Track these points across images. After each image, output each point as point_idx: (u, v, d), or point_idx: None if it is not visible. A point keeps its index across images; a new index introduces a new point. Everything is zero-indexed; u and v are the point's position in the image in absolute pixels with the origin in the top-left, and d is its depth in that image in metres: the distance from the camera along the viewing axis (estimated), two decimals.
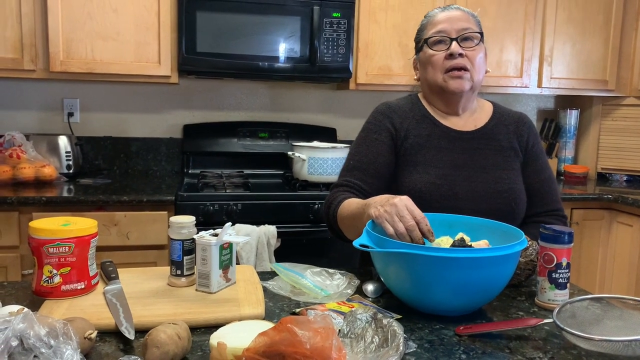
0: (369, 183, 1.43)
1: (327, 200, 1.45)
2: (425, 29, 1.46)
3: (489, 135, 1.46)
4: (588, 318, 1.00)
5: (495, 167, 1.42)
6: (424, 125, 1.46)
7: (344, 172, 1.48)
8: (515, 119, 1.51)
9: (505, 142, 1.46)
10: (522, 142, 1.48)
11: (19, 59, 2.42)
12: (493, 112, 1.51)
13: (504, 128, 1.48)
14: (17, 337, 0.75)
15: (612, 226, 2.76)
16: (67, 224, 1.10)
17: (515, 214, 1.41)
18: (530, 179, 1.47)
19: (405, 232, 1.10)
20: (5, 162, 2.43)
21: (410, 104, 1.51)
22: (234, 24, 2.53)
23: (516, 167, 1.45)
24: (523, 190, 1.44)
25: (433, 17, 1.46)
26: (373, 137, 1.47)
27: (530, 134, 1.50)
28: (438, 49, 1.42)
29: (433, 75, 1.43)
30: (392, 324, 0.89)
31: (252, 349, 0.74)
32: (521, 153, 1.48)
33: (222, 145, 2.92)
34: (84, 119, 2.88)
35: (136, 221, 2.27)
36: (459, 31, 1.40)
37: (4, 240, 2.20)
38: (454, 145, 1.44)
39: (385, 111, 1.49)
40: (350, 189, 1.43)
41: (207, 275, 1.13)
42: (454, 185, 1.38)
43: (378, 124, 1.48)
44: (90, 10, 2.45)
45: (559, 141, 3.27)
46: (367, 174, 1.43)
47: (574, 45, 3.00)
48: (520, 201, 1.42)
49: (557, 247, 1.12)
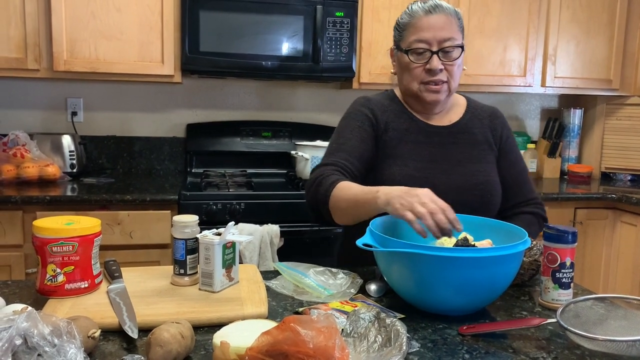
0: (354, 164, 1.41)
1: (315, 178, 1.38)
2: (406, 30, 1.42)
3: (464, 129, 1.49)
4: (592, 318, 1.00)
5: (471, 161, 1.45)
6: (402, 120, 1.48)
7: (328, 154, 1.45)
8: (489, 112, 1.54)
9: (480, 135, 1.50)
10: (497, 136, 1.52)
11: (22, 59, 2.42)
12: (467, 106, 1.54)
13: (478, 122, 1.52)
14: (21, 336, 0.75)
15: (616, 226, 2.75)
16: (71, 223, 1.10)
17: (490, 205, 1.44)
18: (505, 171, 1.50)
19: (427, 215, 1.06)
20: (9, 162, 2.44)
21: (388, 99, 1.53)
22: (237, 23, 2.53)
23: (491, 160, 1.49)
24: (498, 183, 1.47)
25: (416, 20, 1.40)
26: (356, 125, 1.46)
27: (503, 128, 1.54)
28: (417, 60, 1.40)
29: (409, 83, 1.44)
30: (395, 323, 0.89)
31: (255, 348, 0.74)
32: (495, 146, 1.51)
33: (225, 144, 2.92)
34: (87, 118, 2.88)
35: (139, 220, 2.27)
36: (441, 42, 1.38)
37: (8, 239, 2.21)
38: (431, 140, 1.46)
39: (366, 103, 1.50)
40: (339, 169, 1.39)
41: (210, 275, 1.13)
42: (432, 178, 1.40)
43: (359, 113, 1.48)
44: (93, 9, 2.45)
45: (562, 140, 3.26)
46: (352, 156, 1.42)
47: (578, 44, 2.99)
48: (495, 193, 1.46)
49: (560, 246, 1.12)
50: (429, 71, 1.39)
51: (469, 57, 2.85)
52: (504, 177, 1.49)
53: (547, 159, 3.19)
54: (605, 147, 3.23)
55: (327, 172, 1.38)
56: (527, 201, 1.53)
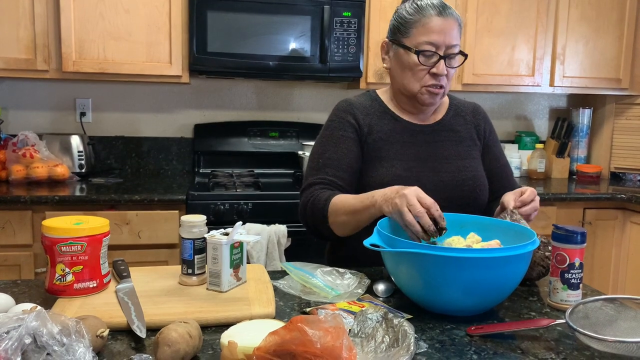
0: (342, 179, 1.41)
1: (307, 201, 1.40)
2: (415, 28, 1.36)
3: (448, 127, 1.50)
4: (601, 319, 0.99)
5: (458, 157, 1.47)
6: (385, 121, 1.47)
7: (314, 171, 1.44)
8: (471, 109, 1.56)
9: (464, 132, 1.51)
10: (480, 131, 1.54)
11: (32, 60, 2.44)
12: (449, 104, 1.55)
13: (462, 119, 1.53)
14: (31, 335, 0.76)
15: (626, 226, 2.73)
16: (80, 223, 1.11)
17: (479, 200, 1.46)
18: (491, 165, 1.53)
19: (413, 221, 1.11)
20: (18, 162, 2.46)
21: (370, 100, 1.52)
22: (244, 23, 2.53)
23: (476, 156, 1.51)
24: (485, 177, 1.50)
25: (427, 19, 1.35)
26: (339, 135, 1.45)
27: (486, 123, 1.56)
28: (425, 62, 1.37)
29: (410, 83, 1.41)
30: (403, 323, 0.89)
31: (263, 348, 0.74)
32: (479, 141, 1.53)
33: (233, 144, 2.93)
34: (96, 118, 2.90)
35: (148, 220, 2.28)
36: (448, 48, 1.36)
37: (18, 238, 2.22)
38: (416, 139, 1.46)
39: (347, 108, 1.48)
40: (327, 186, 1.40)
41: (218, 274, 1.13)
42: (420, 177, 1.40)
43: (341, 121, 1.46)
44: (102, 10, 2.47)
45: (571, 140, 3.24)
46: (340, 169, 1.41)
47: (586, 43, 2.97)
48: (483, 188, 1.47)
49: (569, 247, 1.11)
50: (433, 75, 1.38)
51: (477, 57, 2.84)
52: (489, 171, 1.52)
53: (555, 158, 3.17)
54: (615, 147, 3.21)
55: (316, 192, 1.39)
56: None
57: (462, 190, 1.43)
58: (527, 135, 3.26)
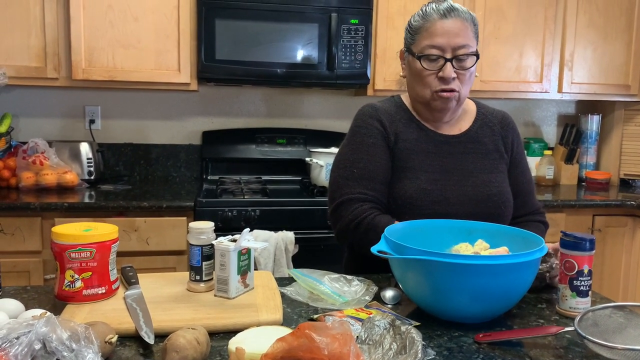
0: (382, 193, 1.39)
1: (357, 218, 1.34)
2: (419, 34, 1.37)
3: (474, 138, 1.45)
4: (611, 326, 0.99)
5: (483, 171, 1.42)
6: (411, 129, 1.43)
7: (349, 181, 1.39)
8: (499, 119, 1.50)
9: (491, 144, 1.46)
10: (508, 144, 1.48)
11: (42, 68, 2.47)
12: (477, 113, 1.50)
13: (489, 130, 1.48)
14: (40, 341, 0.77)
15: (636, 233, 2.71)
16: (89, 230, 1.12)
17: (504, 216, 1.41)
18: (517, 180, 1.48)
19: None
20: (28, 169, 2.48)
21: (395, 106, 1.48)
22: (252, 31, 2.55)
23: (503, 170, 1.45)
24: (510, 193, 1.44)
25: (430, 23, 1.35)
26: (370, 142, 1.41)
27: (514, 135, 1.50)
28: (430, 67, 1.35)
29: (420, 90, 1.39)
30: (411, 330, 0.89)
31: (270, 355, 0.74)
32: (506, 155, 1.48)
33: (241, 151, 2.94)
34: (105, 126, 2.92)
35: (156, 227, 2.29)
36: (455, 49, 1.33)
37: (27, 245, 2.24)
38: (441, 150, 1.42)
39: (374, 114, 1.44)
40: (374, 204, 1.37)
41: (225, 281, 1.14)
42: (445, 191, 1.37)
43: (369, 127, 1.42)
44: (111, 19, 2.49)
45: (580, 147, 3.23)
46: (377, 182, 1.38)
47: (595, 49, 2.97)
48: (509, 204, 1.43)
49: (578, 254, 1.10)
50: (441, 79, 1.35)
51: (485, 63, 2.84)
52: (515, 187, 1.46)
53: (564, 165, 3.15)
54: (624, 154, 3.19)
55: (368, 212, 1.34)
56: (534, 211, 1.50)
57: (487, 206, 1.38)
58: (535, 141, 3.25)
